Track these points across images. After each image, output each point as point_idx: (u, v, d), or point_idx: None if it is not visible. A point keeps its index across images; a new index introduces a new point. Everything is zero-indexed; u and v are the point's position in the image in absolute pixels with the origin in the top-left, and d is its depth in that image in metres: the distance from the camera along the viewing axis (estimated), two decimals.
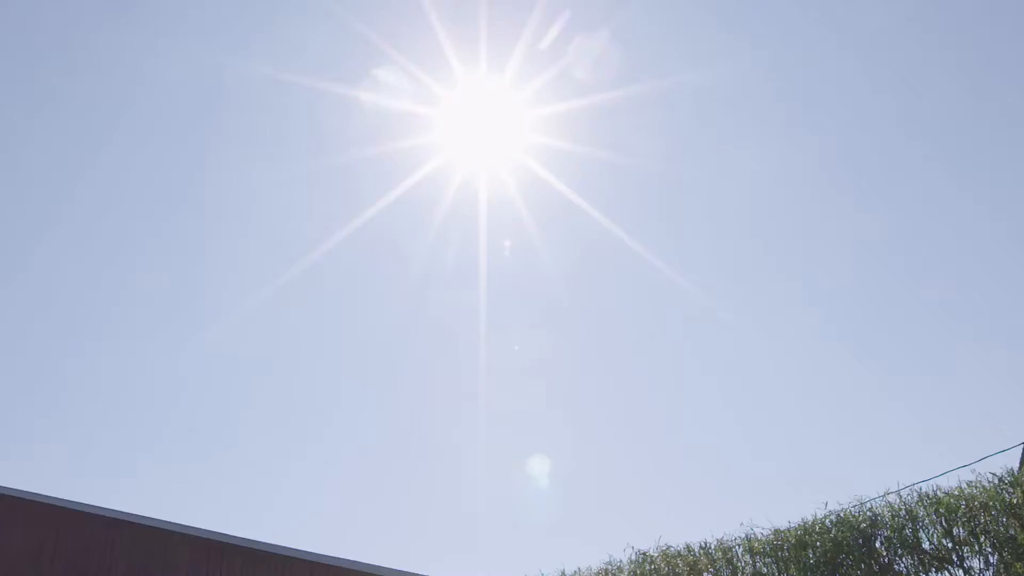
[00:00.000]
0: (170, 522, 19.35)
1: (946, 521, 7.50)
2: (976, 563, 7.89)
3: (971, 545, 7.74)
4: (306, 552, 17.59)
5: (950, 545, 7.70)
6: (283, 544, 17.97)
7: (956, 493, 7.96)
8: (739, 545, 7.14)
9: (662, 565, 7.32)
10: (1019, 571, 7.29)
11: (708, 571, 7.14)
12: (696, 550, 7.31)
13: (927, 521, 7.43)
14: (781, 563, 6.93)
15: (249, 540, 18.28)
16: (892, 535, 6.56)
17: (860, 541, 6.52)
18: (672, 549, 7.44)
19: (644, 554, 7.48)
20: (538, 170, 25.83)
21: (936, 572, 7.68)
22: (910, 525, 7.18)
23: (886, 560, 6.47)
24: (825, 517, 6.88)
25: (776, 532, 7.03)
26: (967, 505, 7.65)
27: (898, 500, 6.66)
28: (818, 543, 6.82)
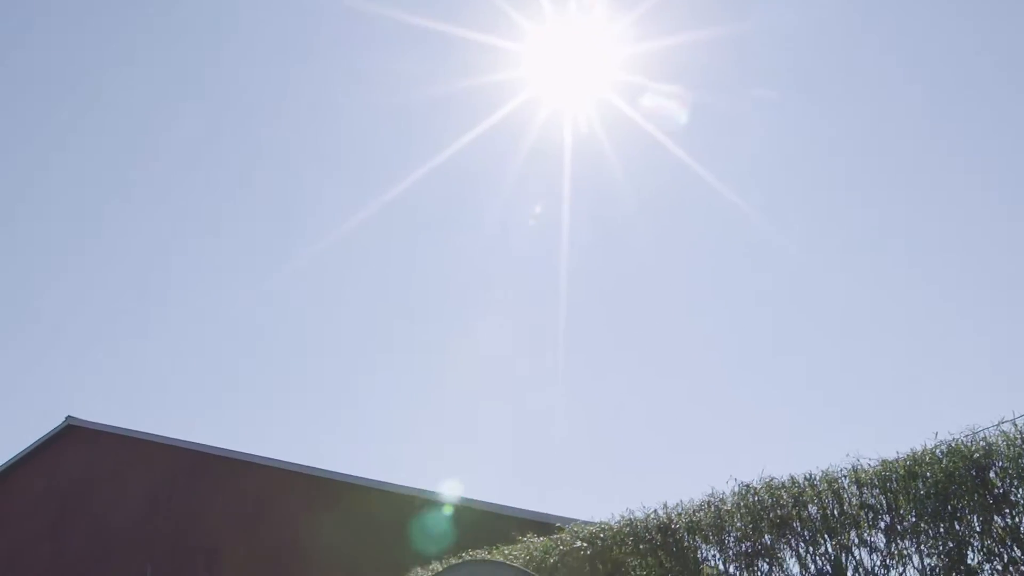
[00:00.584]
0: (276, 459, 20.20)
1: None
2: None
3: None
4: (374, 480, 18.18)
5: None
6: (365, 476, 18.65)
7: None
8: (845, 476, 7.02)
9: (766, 497, 7.27)
10: None
11: (813, 502, 7.07)
12: (801, 481, 7.22)
13: None
14: (890, 494, 6.79)
15: (338, 473, 18.95)
16: (1008, 465, 6.34)
17: (973, 472, 6.32)
18: (776, 481, 7.37)
19: (747, 486, 7.44)
20: (624, 108, 25.25)
21: None
22: None
23: (1001, 491, 6.27)
24: (935, 447, 6.67)
25: (884, 463, 6.88)
26: None
27: (1014, 429, 6.41)
28: (928, 474, 6.65)
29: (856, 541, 6.88)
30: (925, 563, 6.62)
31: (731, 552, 7.36)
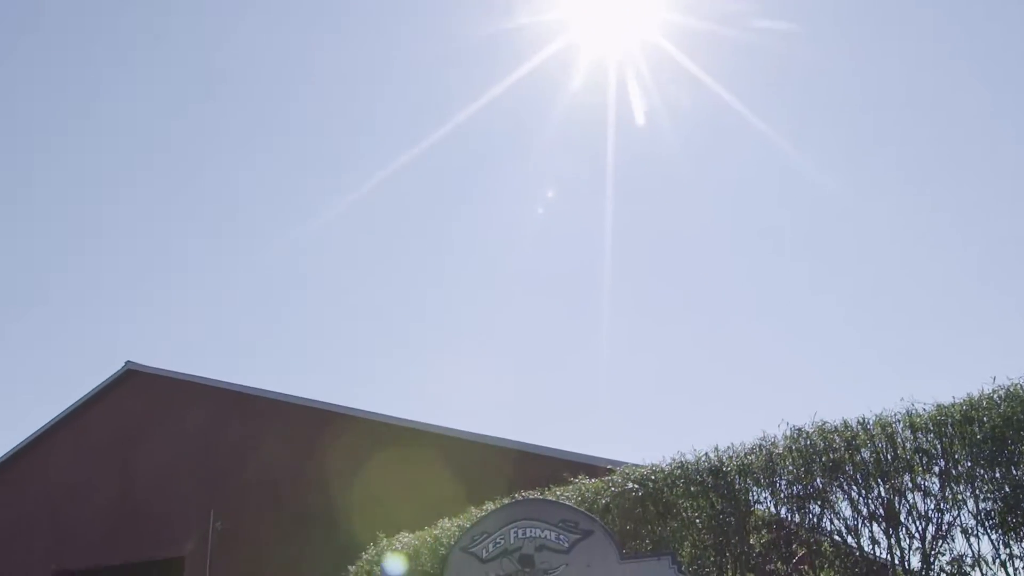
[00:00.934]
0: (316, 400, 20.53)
1: None
2: None
3: None
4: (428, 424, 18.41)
5: None
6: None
7: None
8: (899, 421, 6.99)
9: (818, 440, 7.26)
10: None
11: (866, 447, 7.04)
12: (854, 425, 7.19)
13: None
14: (945, 439, 6.74)
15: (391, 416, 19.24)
16: None
17: None
18: (828, 425, 7.35)
19: (799, 430, 7.43)
20: (668, 48, 24.85)
21: None
22: None
23: None
24: (993, 392, 6.60)
25: (939, 408, 6.82)
26: None
27: None
28: (985, 419, 6.58)
29: (910, 485, 6.87)
30: (980, 508, 6.59)
31: (782, 495, 7.39)
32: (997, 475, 6.48)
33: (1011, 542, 6.42)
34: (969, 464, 6.62)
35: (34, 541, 24.72)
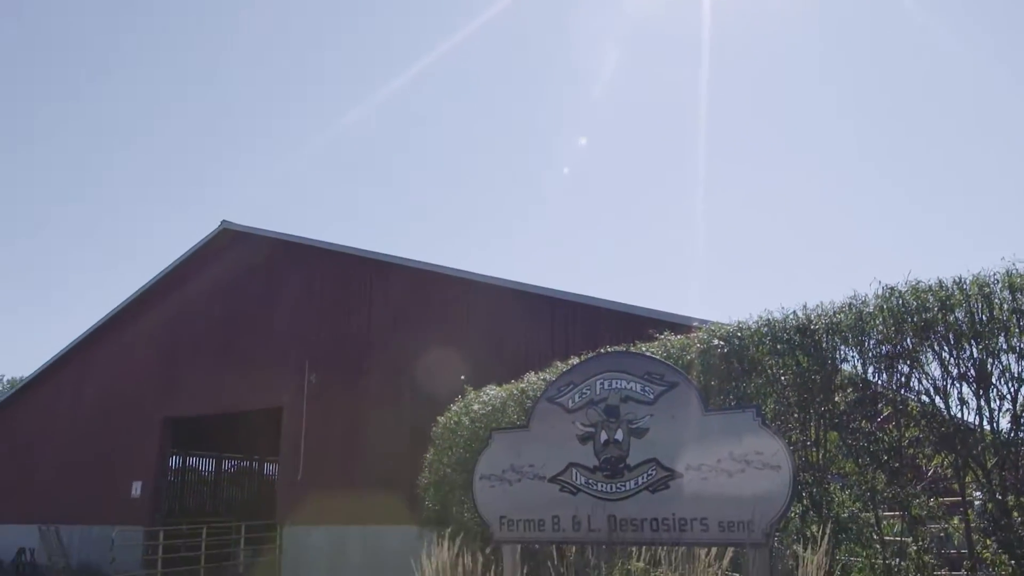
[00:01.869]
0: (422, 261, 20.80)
1: None
2: None
3: None
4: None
5: None
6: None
7: None
8: (998, 281, 6.79)
9: (910, 300, 7.12)
10: None
11: (961, 307, 6.89)
12: (949, 285, 7.02)
13: None
14: None
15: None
16: None
17: None
18: (922, 284, 7.19)
19: (891, 288, 7.29)
20: None
21: None
22: None
23: None
24: None
25: None
26: None
27: None
28: None
29: (1004, 347, 6.73)
30: None
31: (870, 354, 7.33)
32: None
33: None
34: None
35: (145, 392, 26.29)
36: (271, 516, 23.79)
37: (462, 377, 12.43)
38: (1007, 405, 6.68)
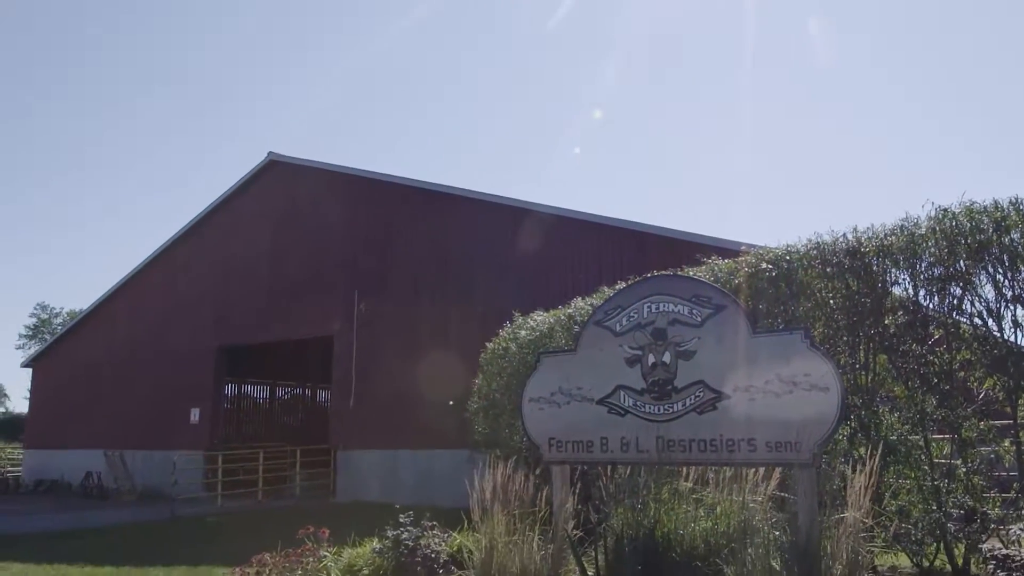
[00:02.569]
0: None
1: None
2: None
3: None
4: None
5: None
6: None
7: None
8: None
9: (964, 222, 6.99)
10: None
11: (1016, 228, 6.77)
12: (1005, 206, 6.89)
13: None
14: None
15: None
16: None
17: None
18: (977, 205, 7.05)
19: (945, 210, 7.17)
20: None
21: None
22: None
23: None
24: None
25: None
26: None
27: None
28: None
29: None
30: None
31: (922, 277, 7.24)
32: None
33: None
34: None
35: (199, 321, 26.88)
36: (325, 441, 24.41)
37: (511, 307, 12.54)
38: None
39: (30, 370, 33.84)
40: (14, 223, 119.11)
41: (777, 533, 5.09)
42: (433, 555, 7.76)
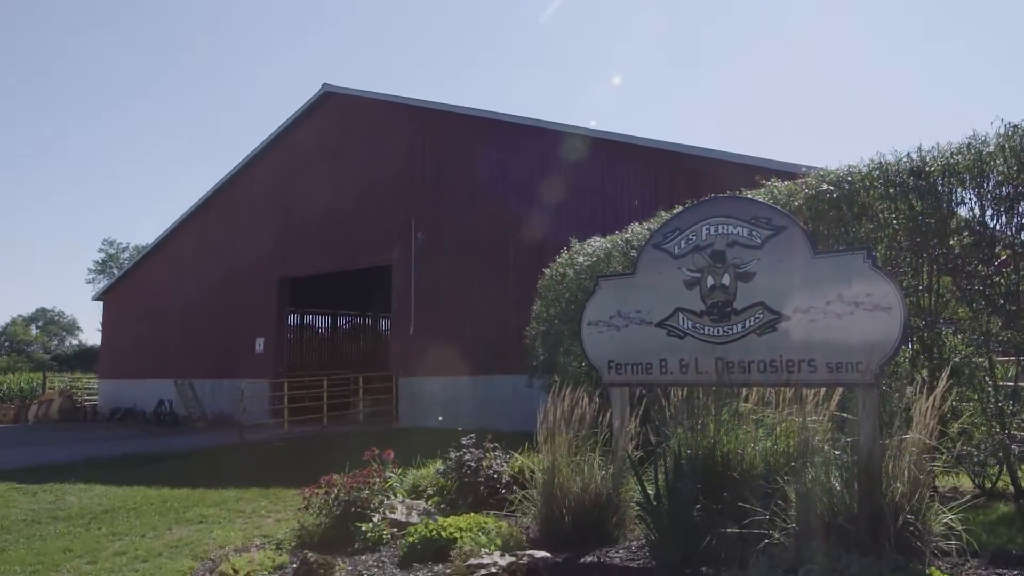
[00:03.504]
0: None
1: None
2: None
3: None
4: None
5: None
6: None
7: None
8: None
9: None
10: None
11: None
12: None
13: None
14: None
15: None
16: None
17: None
18: None
19: (1015, 126, 6.96)
20: None
21: None
22: None
23: None
24: None
25: None
26: None
27: None
28: None
29: None
30: None
31: (989, 196, 7.07)
32: None
33: None
34: None
35: (260, 253, 27.38)
36: (386, 369, 24.88)
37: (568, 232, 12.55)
38: None
39: (101, 303, 34.91)
40: (81, 161, 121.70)
41: (838, 453, 5.13)
42: (495, 475, 7.96)
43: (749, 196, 7.54)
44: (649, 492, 5.75)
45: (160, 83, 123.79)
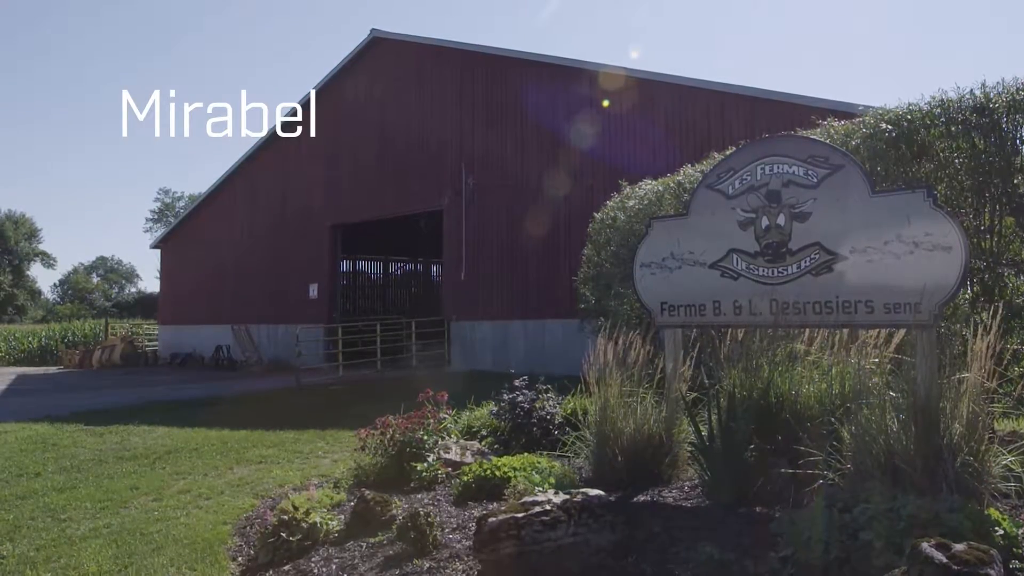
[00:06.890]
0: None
1: None
2: None
3: None
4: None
5: None
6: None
7: None
8: None
9: None
10: None
11: None
12: None
13: None
14: None
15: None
16: None
17: None
18: None
19: None
20: None
21: None
22: None
23: None
24: None
25: None
26: None
27: None
28: None
29: None
30: None
31: None
32: None
33: None
34: None
35: (312, 200, 27.64)
36: (438, 314, 25.10)
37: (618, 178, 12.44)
38: None
39: (158, 252, 35.60)
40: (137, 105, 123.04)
41: (894, 394, 5.08)
42: (548, 417, 8.04)
43: (805, 135, 7.39)
44: (703, 432, 5.77)
45: (201, 33, 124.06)
